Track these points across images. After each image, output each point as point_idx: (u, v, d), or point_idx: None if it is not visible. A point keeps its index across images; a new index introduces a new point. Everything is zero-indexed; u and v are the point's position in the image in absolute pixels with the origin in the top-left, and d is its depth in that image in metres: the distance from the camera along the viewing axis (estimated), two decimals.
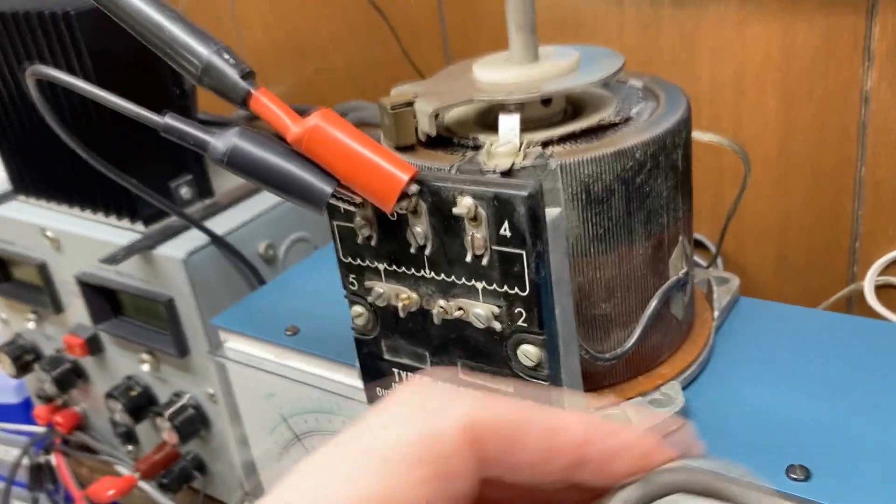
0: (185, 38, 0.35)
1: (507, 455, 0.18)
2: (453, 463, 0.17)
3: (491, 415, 0.18)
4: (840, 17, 0.55)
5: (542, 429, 0.19)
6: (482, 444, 0.18)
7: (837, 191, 0.60)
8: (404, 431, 0.17)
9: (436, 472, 0.17)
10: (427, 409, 0.18)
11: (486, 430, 0.18)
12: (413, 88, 0.41)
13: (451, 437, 0.17)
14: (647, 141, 0.36)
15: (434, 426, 0.18)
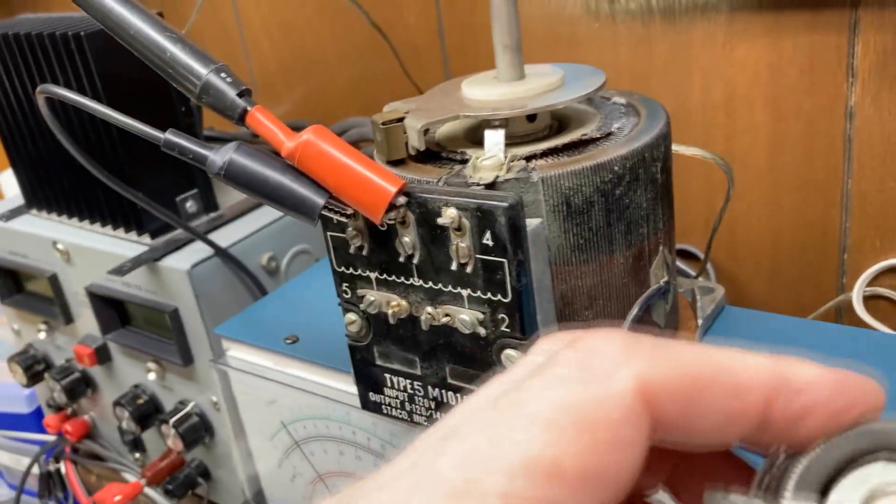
0: (184, 59, 0.37)
1: (685, 420, 0.16)
2: (625, 431, 0.15)
3: (667, 375, 0.16)
4: (824, 36, 0.56)
5: (724, 389, 0.16)
6: (657, 409, 0.16)
7: (826, 204, 0.61)
8: (569, 393, 0.16)
9: (605, 439, 0.15)
10: (593, 369, 0.16)
11: (661, 392, 0.16)
12: (404, 105, 0.43)
13: (623, 402, 0.16)
14: (626, 155, 0.38)
15: (603, 389, 0.16)
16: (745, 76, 0.61)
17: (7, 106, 0.65)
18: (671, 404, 0.16)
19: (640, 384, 0.16)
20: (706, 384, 0.16)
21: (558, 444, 0.15)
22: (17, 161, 0.68)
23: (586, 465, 0.15)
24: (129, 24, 0.38)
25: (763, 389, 0.17)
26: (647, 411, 0.16)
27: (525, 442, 0.15)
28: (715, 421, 0.17)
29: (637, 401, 0.16)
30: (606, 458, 0.15)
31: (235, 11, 0.89)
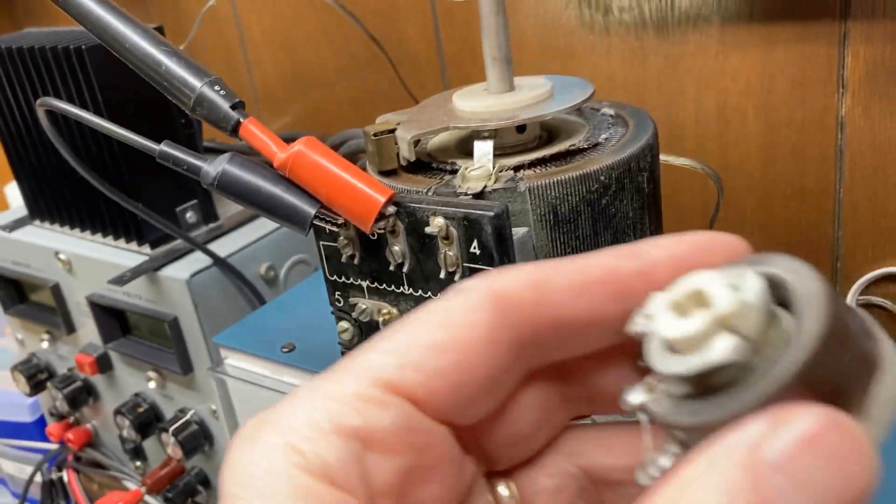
0: (179, 72, 0.38)
1: (539, 298, 0.19)
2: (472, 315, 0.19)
3: (513, 274, 0.19)
4: (814, 47, 0.57)
5: (566, 270, 0.19)
6: (511, 299, 0.19)
7: (818, 213, 0.62)
8: (437, 301, 0.20)
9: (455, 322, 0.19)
10: (459, 287, 0.20)
11: (508, 284, 0.19)
12: (396, 117, 0.44)
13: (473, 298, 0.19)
14: (612, 164, 0.39)
15: (458, 293, 0.19)
16: (738, 87, 0.62)
17: (11, 118, 0.66)
18: (523, 291, 0.19)
19: (489, 282, 0.19)
20: (551, 272, 0.19)
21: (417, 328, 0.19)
22: (20, 172, 0.69)
23: (435, 339, 0.19)
24: (125, 38, 0.39)
25: (605, 262, 0.19)
26: (494, 301, 0.19)
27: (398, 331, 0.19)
28: (565, 296, 0.19)
29: (484, 295, 0.19)
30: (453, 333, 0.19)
31: (237, 26, 0.91)
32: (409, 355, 0.19)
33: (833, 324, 0.15)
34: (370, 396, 0.18)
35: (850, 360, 0.16)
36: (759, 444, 0.14)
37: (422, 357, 0.19)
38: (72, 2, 0.39)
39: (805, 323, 0.15)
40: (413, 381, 0.19)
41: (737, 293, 0.16)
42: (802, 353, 0.15)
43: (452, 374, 0.19)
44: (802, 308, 0.16)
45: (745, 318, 0.16)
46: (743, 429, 0.14)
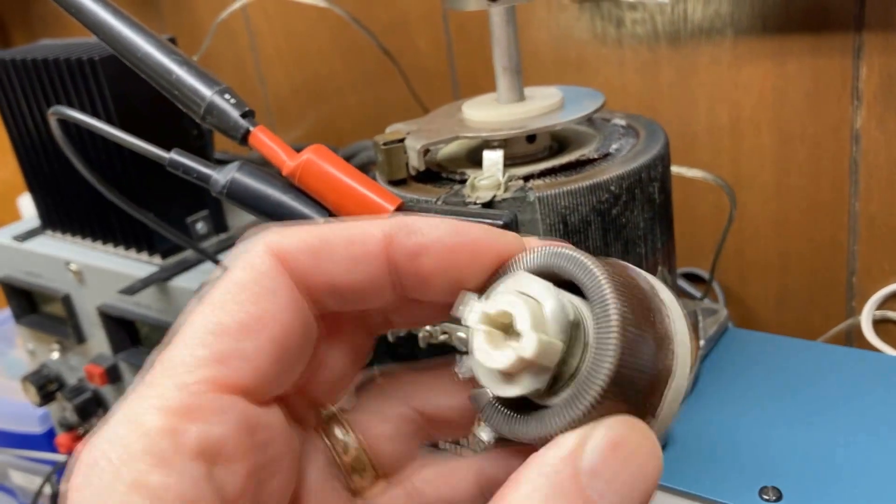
0: (189, 80, 0.38)
1: (316, 266, 0.20)
2: (265, 282, 0.19)
3: (293, 237, 0.20)
4: (828, 59, 0.57)
5: (345, 238, 0.20)
6: (289, 263, 0.19)
7: (833, 227, 0.61)
8: (227, 274, 0.19)
9: (253, 293, 0.19)
10: (242, 251, 0.20)
11: (288, 248, 0.19)
12: (406, 127, 0.44)
13: (256, 260, 0.19)
14: (622, 175, 0.38)
15: (244, 261, 0.19)
16: (751, 99, 0.61)
17: (25, 129, 0.66)
18: (300, 256, 0.20)
19: (269, 245, 0.20)
20: (328, 238, 0.20)
21: (219, 311, 0.19)
22: (33, 182, 0.70)
23: (241, 316, 0.19)
24: (136, 47, 0.39)
25: (381, 233, 0.20)
26: (280, 265, 0.19)
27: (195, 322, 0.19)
28: (342, 266, 0.20)
29: (269, 259, 0.19)
30: (256, 306, 0.19)
31: (250, 39, 0.91)
32: (224, 343, 0.18)
33: (625, 362, 0.17)
34: (202, 404, 0.18)
35: (645, 380, 0.18)
36: (575, 455, 0.17)
37: (237, 342, 0.18)
38: (84, 11, 0.39)
39: (599, 362, 0.17)
40: (239, 372, 0.18)
41: (539, 334, 0.18)
42: (593, 395, 0.17)
43: (272, 349, 0.19)
44: (598, 341, 0.18)
45: (546, 357, 0.18)
46: (559, 445, 0.17)
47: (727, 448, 0.40)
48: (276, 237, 0.20)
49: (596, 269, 0.18)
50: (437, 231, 0.20)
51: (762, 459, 0.39)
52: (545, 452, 0.17)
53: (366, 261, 0.20)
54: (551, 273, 0.19)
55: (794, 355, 0.47)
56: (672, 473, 0.38)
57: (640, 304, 0.18)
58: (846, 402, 0.42)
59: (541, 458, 0.17)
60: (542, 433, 0.18)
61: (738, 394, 0.44)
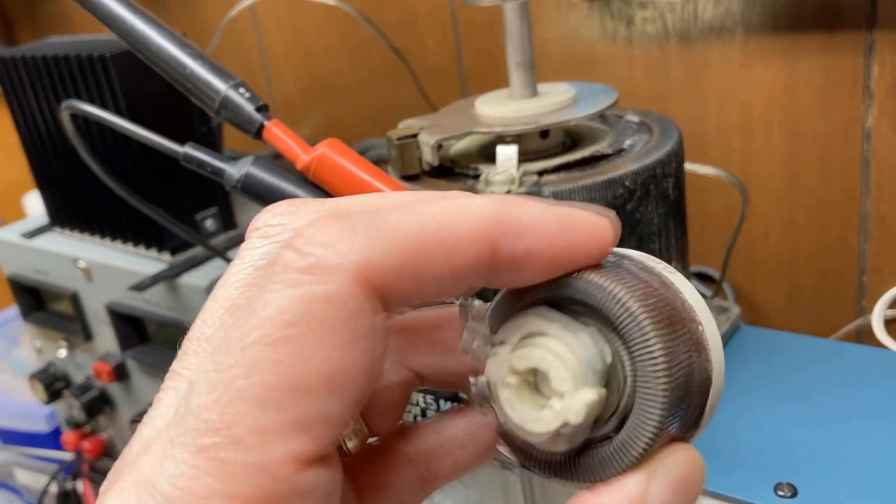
0: (204, 74, 0.38)
1: (417, 289, 0.16)
2: (357, 322, 0.15)
3: (388, 256, 0.16)
4: (839, 58, 0.57)
5: (447, 250, 0.16)
6: (386, 290, 0.16)
7: (843, 226, 0.61)
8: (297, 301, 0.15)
9: (341, 339, 0.15)
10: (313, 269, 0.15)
11: (386, 275, 0.16)
12: (419, 122, 0.44)
13: (349, 296, 0.15)
14: (637, 170, 0.38)
15: (327, 288, 0.15)
16: (761, 98, 0.61)
17: (34, 126, 0.66)
18: (398, 281, 0.16)
19: (362, 271, 0.15)
20: (428, 250, 0.16)
21: (296, 359, 0.15)
22: (42, 179, 0.69)
23: (328, 371, 0.15)
24: (151, 41, 0.39)
25: (485, 239, 0.17)
26: (374, 296, 0.15)
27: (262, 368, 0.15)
28: (446, 280, 0.16)
29: (362, 290, 0.15)
30: (345, 357, 0.15)
31: (258, 38, 0.91)
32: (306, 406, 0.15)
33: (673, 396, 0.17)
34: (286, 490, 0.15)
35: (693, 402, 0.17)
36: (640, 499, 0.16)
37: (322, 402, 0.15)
38: (98, 5, 0.39)
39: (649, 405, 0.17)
40: (323, 440, 0.15)
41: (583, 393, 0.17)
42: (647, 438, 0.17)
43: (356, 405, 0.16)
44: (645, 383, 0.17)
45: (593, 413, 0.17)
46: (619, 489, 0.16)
47: (742, 444, 0.40)
48: (363, 251, 0.15)
49: (630, 303, 0.17)
50: (546, 229, 0.17)
51: (777, 455, 0.39)
52: (605, 496, 0.17)
53: (470, 272, 0.17)
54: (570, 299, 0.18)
55: (806, 353, 0.47)
56: None
57: (674, 323, 0.17)
58: (859, 398, 0.42)
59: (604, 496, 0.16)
60: (597, 478, 0.17)
61: (751, 391, 0.44)
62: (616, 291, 0.17)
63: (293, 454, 0.14)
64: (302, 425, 0.14)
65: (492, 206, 0.17)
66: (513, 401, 0.17)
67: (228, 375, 0.15)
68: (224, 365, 0.15)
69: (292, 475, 0.14)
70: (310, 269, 0.15)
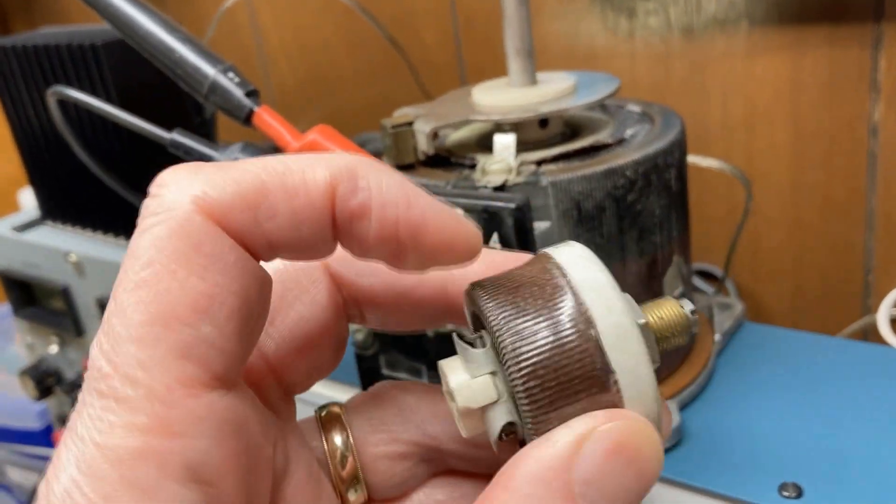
0: (192, 59, 0.37)
1: (254, 226, 0.17)
2: (206, 248, 0.16)
3: (225, 190, 0.16)
4: (846, 51, 0.55)
5: (286, 190, 0.17)
6: (222, 222, 0.16)
7: (849, 223, 0.60)
8: (151, 240, 0.16)
9: (194, 267, 0.16)
10: (157, 204, 0.16)
11: (222, 205, 0.16)
12: (414, 111, 0.43)
13: (193, 228, 0.16)
14: (638, 160, 0.37)
15: (170, 220, 0.16)
16: (766, 92, 0.60)
17: (25, 116, 0.65)
18: (237, 213, 0.17)
19: (196, 201, 0.16)
20: (265, 188, 0.17)
21: (159, 293, 0.16)
22: (33, 172, 0.68)
23: (192, 297, 0.16)
24: (138, 24, 0.38)
25: (325, 187, 0.17)
26: (213, 225, 0.16)
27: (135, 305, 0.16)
28: (283, 222, 0.17)
29: (203, 220, 0.16)
30: (203, 282, 0.16)
31: (254, 31, 0.90)
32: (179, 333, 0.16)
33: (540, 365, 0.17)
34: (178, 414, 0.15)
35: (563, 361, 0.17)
36: (569, 461, 0.16)
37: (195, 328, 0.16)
38: None
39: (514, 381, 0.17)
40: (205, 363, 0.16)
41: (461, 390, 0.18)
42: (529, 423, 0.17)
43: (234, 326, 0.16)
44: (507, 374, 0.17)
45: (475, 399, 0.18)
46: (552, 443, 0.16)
47: (745, 444, 0.38)
48: (201, 186, 0.16)
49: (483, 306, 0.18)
50: (384, 195, 0.17)
51: (781, 455, 0.37)
52: (531, 458, 0.16)
53: (310, 216, 0.17)
54: None
55: (810, 350, 0.45)
56: (689, 470, 0.37)
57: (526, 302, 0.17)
58: (865, 397, 0.41)
59: (526, 463, 0.16)
60: None
61: (754, 389, 0.42)
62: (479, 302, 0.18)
63: (179, 380, 0.15)
64: (179, 352, 0.15)
65: (342, 159, 0.18)
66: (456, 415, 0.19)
67: (108, 326, 0.16)
68: (104, 320, 0.16)
69: (184, 400, 0.15)
70: (156, 210, 0.16)
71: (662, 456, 0.16)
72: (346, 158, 0.18)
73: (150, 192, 0.17)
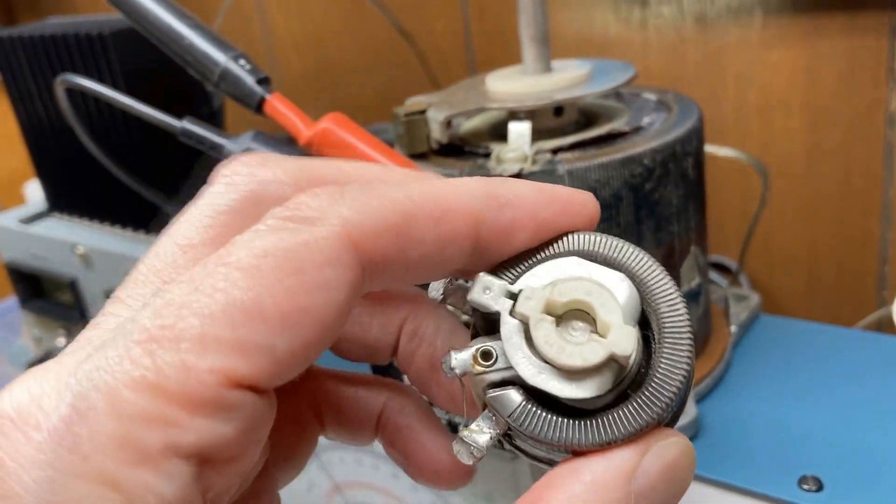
0: (203, 46, 0.36)
1: (399, 255, 0.16)
2: (330, 273, 0.15)
3: (373, 216, 0.16)
4: (863, 40, 0.55)
5: (431, 217, 0.17)
6: (367, 250, 0.16)
7: (865, 214, 0.59)
8: (274, 241, 0.15)
9: (308, 281, 0.15)
10: (298, 219, 0.16)
11: (369, 232, 0.16)
12: (427, 99, 0.42)
13: (328, 245, 0.15)
14: (656, 148, 0.36)
15: (308, 235, 0.15)
16: (781, 81, 0.59)
17: (32, 107, 0.65)
18: (381, 241, 0.16)
19: (346, 228, 0.16)
20: (413, 217, 0.16)
21: (259, 287, 0.15)
22: (40, 163, 0.68)
23: (288, 306, 0.15)
24: (148, 12, 0.37)
25: (470, 209, 0.17)
26: (354, 252, 0.16)
27: (224, 288, 0.15)
28: (428, 250, 0.17)
29: (342, 243, 0.16)
30: (308, 299, 0.15)
31: (262, 23, 0.90)
32: (255, 332, 0.15)
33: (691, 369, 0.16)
34: (212, 397, 0.14)
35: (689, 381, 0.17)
36: (630, 474, 0.16)
37: (271, 335, 0.15)
38: None
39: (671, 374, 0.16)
40: (260, 368, 0.15)
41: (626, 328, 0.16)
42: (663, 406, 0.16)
43: (303, 350, 0.16)
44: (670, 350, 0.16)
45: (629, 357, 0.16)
46: (613, 459, 0.16)
47: (763, 436, 0.38)
48: (355, 214, 0.16)
49: (659, 269, 0.17)
50: (528, 201, 0.17)
51: (800, 448, 0.37)
52: (596, 464, 0.16)
53: (454, 243, 0.17)
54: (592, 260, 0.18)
55: (827, 342, 0.45)
56: (708, 463, 0.36)
57: None
58: (883, 389, 0.40)
59: (591, 469, 0.16)
60: (599, 441, 0.16)
61: (771, 381, 0.42)
62: (635, 251, 0.17)
63: (224, 369, 0.14)
64: (243, 347, 0.15)
65: (479, 182, 0.17)
66: (551, 336, 0.16)
67: (180, 292, 0.15)
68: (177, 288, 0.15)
69: (219, 387, 0.14)
70: (294, 219, 0.16)
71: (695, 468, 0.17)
72: (481, 180, 0.18)
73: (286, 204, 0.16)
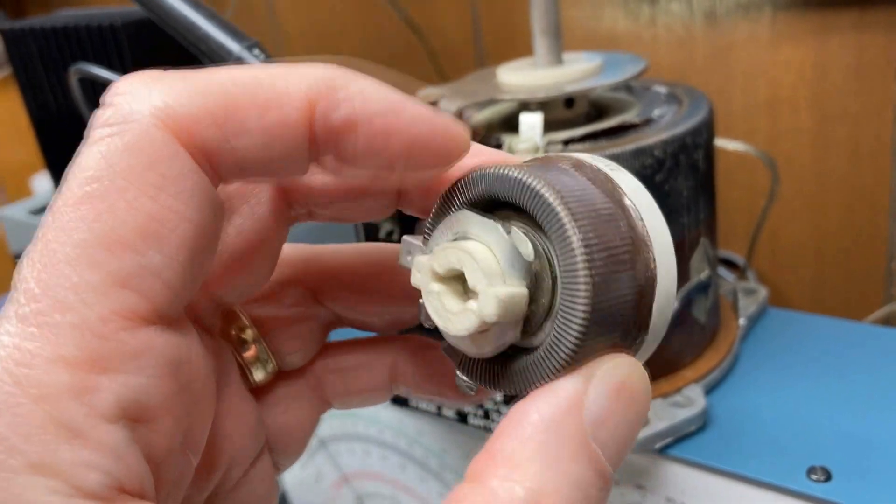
0: (217, 35, 0.37)
1: (222, 142, 0.15)
2: (162, 169, 0.14)
3: (191, 101, 0.15)
4: (872, 36, 0.55)
5: (259, 102, 0.15)
6: (186, 137, 0.15)
7: (873, 210, 0.59)
8: (100, 156, 0.14)
9: (147, 187, 0.14)
10: (112, 115, 0.15)
11: (188, 118, 0.15)
12: (438, 90, 0.42)
13: (149, 144, 0.14)
14: (667, 139, 0.37)
15: (130, 137, 0.14)
16: (790, 77, 0.59)
17: (43, 99, 0.65)
18: (200, 128, 0.15)
19: (161, 119, 0.15)
20: (235, 101, 0.15)
21: (104, 214, 0.14)
22: (50, 155, 0.68)
23: (139, 220, 0.14)
24: (163, 1, 0.37)
25: (301, 99, 0.16)
26: (174, 143, 0.15)
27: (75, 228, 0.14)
28: (256, 140, 0.15)
29: (161, 135, 0.15)
30: (155, 204, 0.14)
31: (271, 16, 0.90)
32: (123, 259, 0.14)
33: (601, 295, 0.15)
34: (114, 348, 0.14)
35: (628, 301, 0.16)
36: (578, 406, 0.15)
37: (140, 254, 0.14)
38: None
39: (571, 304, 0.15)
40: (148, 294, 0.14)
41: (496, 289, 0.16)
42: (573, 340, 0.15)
43: (183, 256, 0.15)
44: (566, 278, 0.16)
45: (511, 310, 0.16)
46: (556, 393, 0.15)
47: (772, 428, 0.38)
48: (164, 97, 0.15)
49: (545, 193, 0.16)
50: (369, 105, 0.16)
51: (808, 439, 0.37)
52: (540, 403, 0.15)
53: (284, 134, 0.16)
54: (495, 198, 0.17)
55: (835, 335, 0.45)
56: (716, 453, 0.37)
57: (602, 218, 0.16)
58: (891, 381, 0.40)
59: (537, 408, 0.15)
60: (529, 386, 0.16)
61: (780, 373, 0.42)
62: (529, 181, 0.16)
63: (117, 311, 0.14)
64: (122, 280, 0.14)
65: (318, 70, 0.16)
66: (437, 306, 0.17)
67: (42, 243, 0.14)
68: (39, 235, 0.14)
69: (118, 333, 0.14)
70: (110, 121, 0.15)
71: (650, 390, 0.16)
72: (321, 69, 0.16)
73: (104, 101, 0.15)
